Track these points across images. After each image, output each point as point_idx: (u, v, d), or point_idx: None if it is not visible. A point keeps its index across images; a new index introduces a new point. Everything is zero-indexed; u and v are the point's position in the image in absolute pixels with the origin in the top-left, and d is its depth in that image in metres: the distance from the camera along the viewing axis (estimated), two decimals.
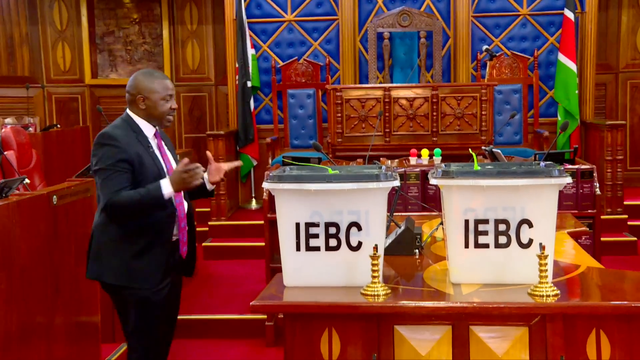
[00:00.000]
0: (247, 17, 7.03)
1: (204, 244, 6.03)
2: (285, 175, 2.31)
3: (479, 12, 7.06)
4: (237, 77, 6.97)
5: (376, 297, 2.17)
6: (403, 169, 4.34)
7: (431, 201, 4.21)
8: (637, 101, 7.53)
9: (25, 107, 7.87)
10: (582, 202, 4.32)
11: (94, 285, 3.77)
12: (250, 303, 2.19)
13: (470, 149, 3.02)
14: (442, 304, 2.15)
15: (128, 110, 2.87)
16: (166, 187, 2.68)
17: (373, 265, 2.18)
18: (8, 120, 7.44)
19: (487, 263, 2.27)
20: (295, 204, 2.27)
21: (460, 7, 6.99)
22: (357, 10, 7.13)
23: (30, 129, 7.25)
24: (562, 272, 2.45)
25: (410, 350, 2.15)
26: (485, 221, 2.25)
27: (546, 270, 2.13)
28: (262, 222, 4.79)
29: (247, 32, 6.98)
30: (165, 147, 2.91)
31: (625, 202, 6.18)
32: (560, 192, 2.27)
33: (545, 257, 2.11)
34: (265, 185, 2.30)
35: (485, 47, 6.63)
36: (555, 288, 2.15)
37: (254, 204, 7.14)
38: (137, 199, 2.66)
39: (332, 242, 2.28)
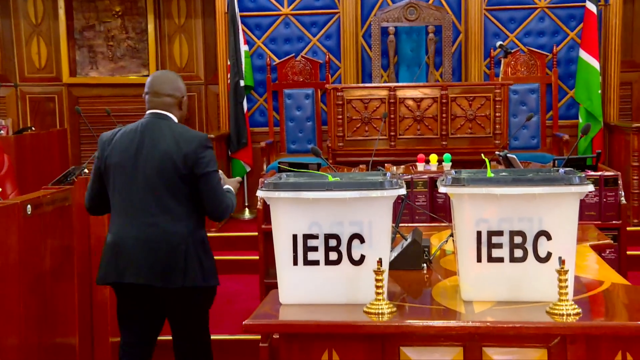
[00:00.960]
0: (240, 11, 7.06)
1: None
2: (282, 183, 2.31)
3: (492, 5, 7.08)
4: (228, 75, 6.99)
5: (380, 316, 2.17)
6: (410, 176, 4.35)
7: (440, 211, 4.22)
8: None
9: None
10: (606, 212, 4.33)
11: (72, 303, 3.77)
12: (243, 322, 2.19)
13: (482, 154, 3.02)
14: (452, 323, 2.15)
15: (168, 113, 3.17)
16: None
17: (377, 280, 2.18)
18: None
19: (501, 279, 2.27)
20: (292, 214, 2.28)
21: (472, 0, 7.02)
22: (359, 3, 7.16)
23: (2, 131, 7.26)
24: (584, 288, 2.45)
25: None
26: (500, 233, 2.25)
27: (566, 286, 2.13)
28: (255, 233, 4.78)
29: (240, 26, 7.01)
30: None
31: None
32: (582, 201, 2.27)
33: (565, 272, 2.12)
34: (260, 193, 2.30)
35: (499, 43, 6.67)
36: (576, 306, 2.15)
37: (247, 214, 7.14)
38: (233, 198, 3.20)
39: (333, 256, 2.29)
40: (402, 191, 2.26)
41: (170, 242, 3.02)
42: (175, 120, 3.17)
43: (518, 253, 2.26)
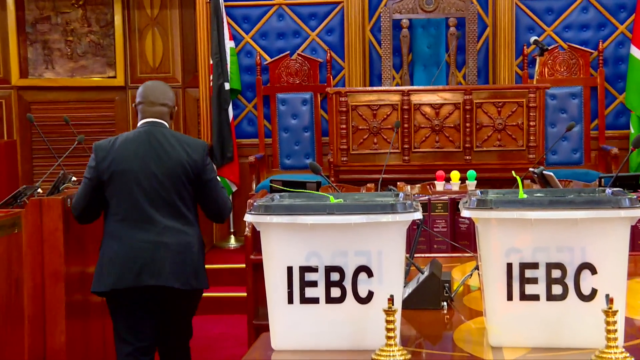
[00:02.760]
0: (225, 0, 7.10)
1: None
2: (274, 205, 2.32)
3: None
4: (211, 77, 7.02)
5: None
6: (427, 197, 4.36)
7: (463, 239, 4.22)
8: None
9: None
10: None
11: (20, 352, 3.76)
12: None
13: (513, 172, 3.02)
14: None
15: (163, 122, 3.86)
16: None
17: (388, 322, 2.18)
18: None
19: (536, 320, 2.27)
20: (286, 242, 2.28)
21: None
22: None
23: None
24: (638, 333, 2.45)
25: None
26: (534, 265, 2.25)
27: (615, 330, 2.13)
28: (243, 265, 4.78)
29: (225, 18, 7.05)
30: None
31: None
32: (634, 227, 2.28)
33: (614, 313, 2.12)
34: (248, 218, 2.31)
35: (534, 38, 6.68)
36: (628, 355, 2.14)
37: (232, 242, 7.14)
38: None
39: (335, 292, 2.29)
40: (418, 215, 2.27)
41: (185, 245, 3.71)
42: (169, 128, 3.87)
43: (556, 290, 2.26)
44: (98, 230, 4.48)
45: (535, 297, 2.27)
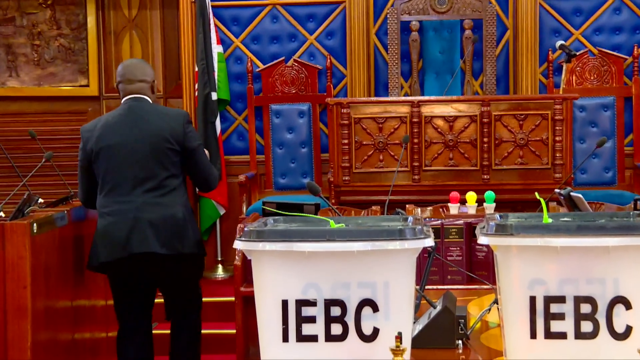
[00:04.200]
0: (212, 0, 7.14)
1: None
2: (267, 231, 2.32)
3: None
4: (196, 86, 7.03)
5: None
6: (439, 222, 4.36)
7: (481, 269, 4.22)
8: None
9: None
10: None
11: None
12: None
13: (537, 193, 3.03)
14: None
15: (144, 96, 4.48)
16: None
17: None
18: None
19: None
20: (281, 272, 2.29)
21: None
22: None
23: None
24: None
25: None
26: (561, 299, 2.26)
27: None
28: (232, 298, 4.78)
29: (212, 20, 7.07)
30: None
31: None
32: None
33: None
34: (238, 244, 2.31)
35: (560, 42, 6.71)
36: None
37: (220, 272, 7.13)
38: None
39: (336, 329, 2.29)
40: (429, 242, 2.28)
41: (169, 214, 4.32)
42: (151, 102, 4.51)
43: (586, 327, 2.26)
44: (67, 257, 4.49)
45: (562, 335, 2.27)
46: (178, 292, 4.62)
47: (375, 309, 2.28)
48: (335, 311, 2.28)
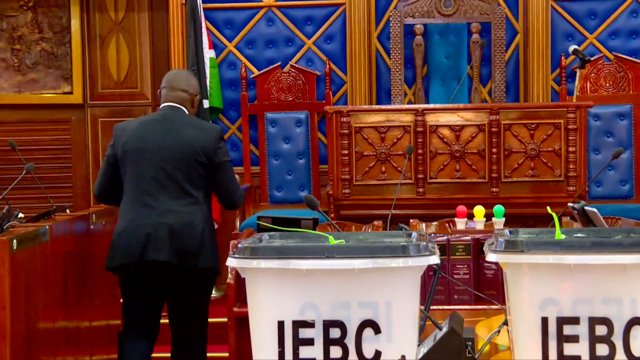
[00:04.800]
0: (204, 2, 7.13)
1: None
2: (262, 247, 2.32)
3: None
4: None
5: None
6: (445, 237, 4.36)
7: (489, 288, 4.22)
8: None
9: None
10: None
11: None
12: None
13: (549, 207, 3.03)
14: None
15: (182, 107, 4.72)
16: None
17: None
18: None
19: None
20: (277, 291, 2.28)
21: None
22: None
23: None
24: None
25: None
26: (575, 320, 2.25)
27: None
28: (225, 319, 4.77)
29: (204, 23, 7.07)
30: None
31: None
32: None
33: None
34: (232, 262, 2.31)
35: (573, 47, 6.72)
36: None
37: (212, 292, 7.11)
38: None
39: (335, 352, 2.29)
40: (435, 259, 2.27)
41: (189, 225, 4.51)
42: (187, 113, 4.74)
43: (602, 350, 2.26)
44: (50, 276, 4.48)
45: (577, 359, 2.27)
46: (186, 308, 4.74)
47: (377, 330, 2.28)
48: (335, 333, 2.28)
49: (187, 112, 4.75)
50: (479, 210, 4.81)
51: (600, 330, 2.26)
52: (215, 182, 4.67)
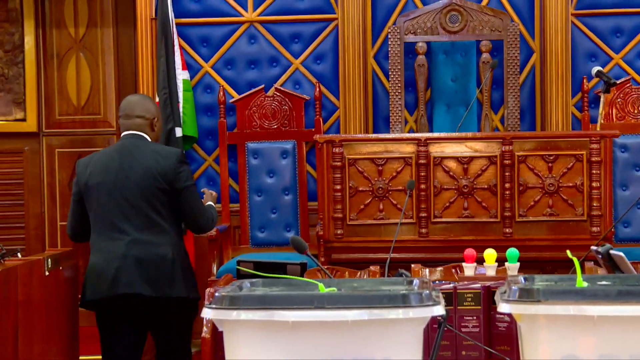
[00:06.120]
0: (177, 16, 7.16)
1: None
2: (243, 297, 2.32)
3: (584, 8, 7.20)
4: None
5: None
6: (452, 285, 4.37)
7: (502, 343, 4.22)
8: None
9: None
10: None
11: None
12: None
13: (569, 251, 3.04)
14: None
15: (142, 134, 5.06)
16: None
17: None
18: None
19: None
20: (260, 347, 2.28)
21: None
22: (369, 4, 7.28)
23: None
24: None
25: None
26: None
27: None
28: None
29: (177, 41, 7.10)
30: None
31: None
32: None
33: None
34: (208, 313, 2.31)
35: (597, 68, 6.75)
36: None
37: (194, 318, 7.08)
38: (214, 211, 5.30)
39: None
40: (440, 310, 2.28)
41: (157, 254, 4.88)
42: (149, 140, 5.09)
43: None
44: (29, 319, 4.48)
45: None
46: (167, 338, 5.17)
47: None
48: None
49: (148, 138, 5.10)
50: (490, 254, 4.82)
51: None
52: (179, 208, 5.02)
